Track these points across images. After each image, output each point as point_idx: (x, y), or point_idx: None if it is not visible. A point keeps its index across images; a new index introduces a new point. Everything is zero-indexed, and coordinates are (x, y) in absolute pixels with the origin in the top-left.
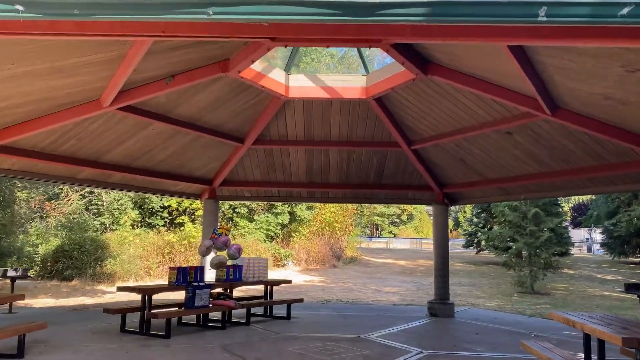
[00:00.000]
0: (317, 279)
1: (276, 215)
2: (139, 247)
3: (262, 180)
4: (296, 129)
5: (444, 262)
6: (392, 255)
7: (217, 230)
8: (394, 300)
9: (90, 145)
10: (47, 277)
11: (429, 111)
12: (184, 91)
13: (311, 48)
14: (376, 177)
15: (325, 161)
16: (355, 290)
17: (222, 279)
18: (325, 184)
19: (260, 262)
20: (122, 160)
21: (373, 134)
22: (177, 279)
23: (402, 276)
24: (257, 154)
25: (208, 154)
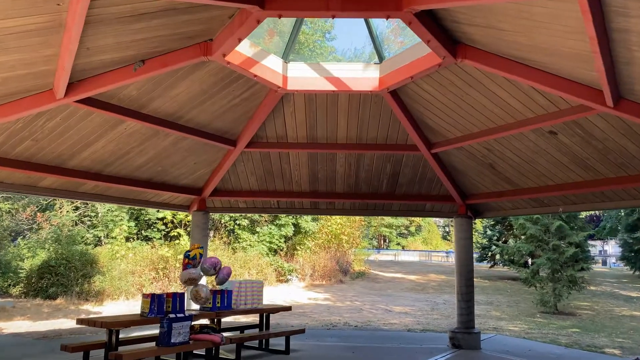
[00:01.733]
0: (322, 296)
1: (279, 227)
2: (131, 262)
3: (258, 190)
4: (297, 129)
5: (469, 284)
6: (401, 268)
7: (189, 253)
8: (407, 322)
9: (51, 148)
10: (31, 295)
11: (455, 107)
12: (159, 81)
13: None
14: (389, 186)
15: (331, 167)
16: (364, 311)
17: (207, 307)
18: (331, 193)
19: (253, 285)
20: (91, 166)
21: (387, 135)
22: (150, 309)
23: (413, 293)
24: (252, 158)
25: (194, 159)
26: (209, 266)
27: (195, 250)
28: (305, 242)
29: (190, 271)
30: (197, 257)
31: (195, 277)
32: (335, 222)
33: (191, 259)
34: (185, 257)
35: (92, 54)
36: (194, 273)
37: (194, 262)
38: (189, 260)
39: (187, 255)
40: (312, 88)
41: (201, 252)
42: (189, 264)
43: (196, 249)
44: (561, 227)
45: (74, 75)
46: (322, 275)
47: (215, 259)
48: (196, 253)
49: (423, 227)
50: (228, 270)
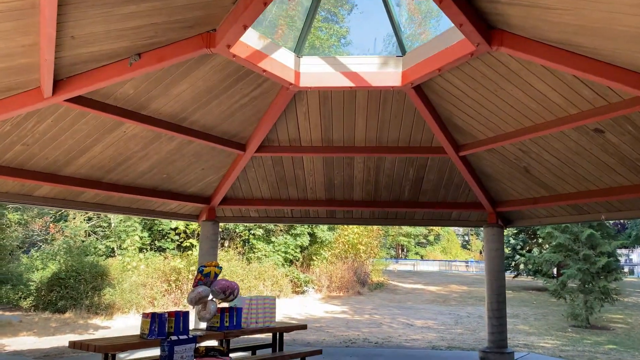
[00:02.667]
0: (340, 309)
1: (295, 236)
2: (142, 273)
3: (270, 198)
4: (310, 131)
5: (500, 300)
6: (420, 279)
7: (203, 269)
8: (430, 338)
9: (44, 154)
10: (41, 308)
11: (487, 103)
12: (159, 78)
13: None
14: (412, 193)
15: (348, 172)
16: (384, 325)
17: (215, 327)
18: (348, 201)
19: (265, 302)
20: (90, 173)
21: (410, 137)
22: (150, 330)
23: (434, 305)
24: (263, 164)
25: (201, 165)
26: (218, 290)
27: (211, 268)
28: (322, 252)
29: (199, 290)
30: (211, 275)
31: (205, 296)
32: (352, 232)
33: (205, 275)
34: (199, 273)
35: (79, 44)
36: (203, 292)
37: (207, 280)
38: (201, 276)
39: (200, 270)
40: (328, 84)
41: (217, 272)
42: (201, 281)
43: (213, 266)
44: (592, 235)
45: (62, 70)
46: (340, 287)
47: (225, 284)
48: (211, 271)
49: (442, 236)
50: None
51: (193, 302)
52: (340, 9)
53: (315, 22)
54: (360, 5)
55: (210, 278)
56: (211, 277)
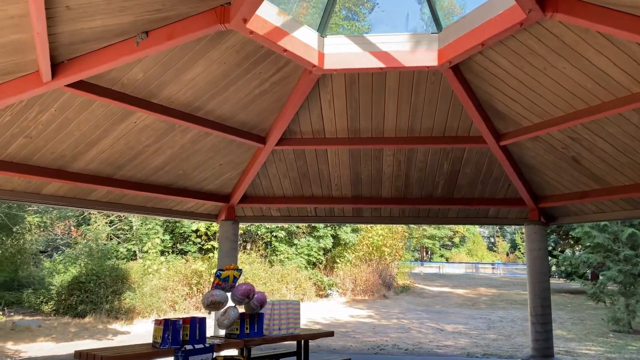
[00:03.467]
0: (366, 312)
1: (318, 239)
2: (163, 277)
3: (293, 195)
4: (335, 121)
5: (545, 304)
6: (447, 282)
7: (221, 273)
8: (464, 344)
9: (50, 147)
10: (61, 313)
11: (534, 84)
12: (169, 60)
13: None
14: (446, 188)
15: (377, 166)
16: (412, 330)
17: (234, 335)
18: (376, 198)
19: (289, 307)
20: (100, 169)
21: (445, 125)
22: (163, 339)
23: (464, 309)
24: (285, 158)
25: (219, 160)
26: (240, 297)
27: (229, 272)
28: (345, 254)
29: (213, 293)
30: (229, 279)
31: (220, 301)
32: (377, 234)
33: (223, 279)
34: (216, 277)
35: (76, 17)
36: (217, 296)
37: (225, 285)
38: (219, 281)
39: (218, 275)
40: (355, 66)
41: (236, 276)
42: (219, 286)
43: (231, 269)
44: (634, 235)
45: (61, 51)
46: (364, 290)
47: (247, 287)
48: (230, 275)
49: (467, 239)
50: (262, 298)
51: (205, 306)
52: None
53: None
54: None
55: (229, 282)
56: (230, 281)
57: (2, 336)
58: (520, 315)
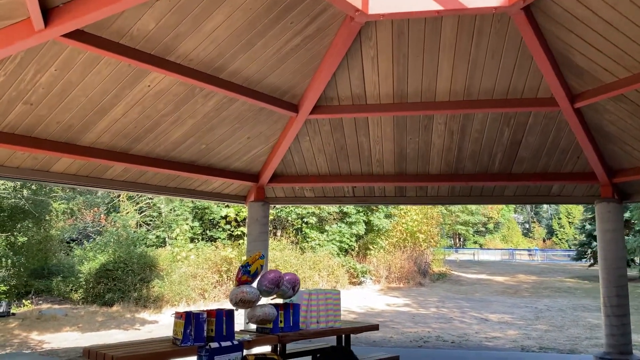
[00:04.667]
0: (402, 301)
1: (350, 225)
2: (193, 264)
3: (329, 173)
4: (379, 83)
5: (622, 293)
6: (483, 269)
7: (248, 269)
8: (513, 336)
9: (54, 116)
10: (90, 302)
11: (628, 26)
12: (186, 5)
13: None
14: (504, 163)
15: (425, 138)
16: (454, 320)
17: (267, 329)
18: (423, 175)
19: (328, 297)
20: (114, 142)
21: (509, 85)
22: (184, 336)
23: (505, 297)
24: (320, 129)
25: (247, 133)
26: (269, 286)
27: (256, 264)
28: (379, 240)
29: (243, 289)
30: (258, 271)
31: (251, 299)
32: (411, 219)
33: (251, 275)
34: (244, 274)
35: None
36: (249, 293)
37: (254, 279)
38: (247, 277)
39: (245, 270)
40: (406, 9)
41: (262, 263)
42: (247, 282)
43: (257, 260)
44: None
45: None
46: (399, 278)
47: (275, 275)
48: (257, 266)
49: (501, 224)
50: (293, 279)
51: (234, 303)
52: None
53: None
54: None
55: (258, 274)
56: (258, 273)
57: (28, 325)
58: (569, 304)
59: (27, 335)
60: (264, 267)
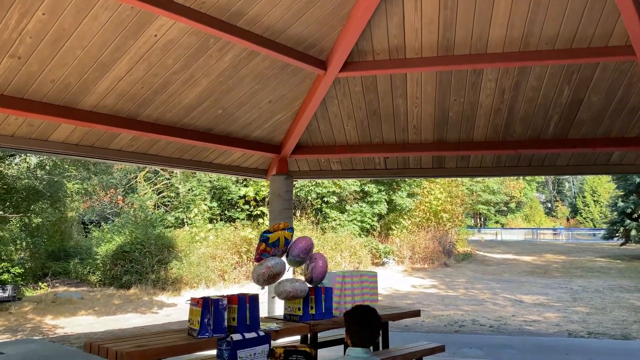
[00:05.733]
0: (428, 282)
1: (371, 204)
2: (211, 245)
3: (358, 143)
4: (422, 31)
5: None
6: (508, 248)
7: (268, 236)
8: (554, 320)
9: (47, 73)
10: (107, 284)
11: None
12: None
13: None
14: (561, 126)
15: (471, 98)
16: (486, 302)
17: (296, 316)
18: (466, 143)
19: (364, 279)
20: (119, 106)
21: (575, 32)
22: (201, 326)
23: (536, 277)
24: (351, 90)
25: (268, 96)
26: (302, 255)
27: (278, 233)
28: (401, 220)
29: (268, 264)
30: (280, 243)
31: (280, 272)
32: (435, 197)
33: (271, 244)
34: (262, 241)
35: None
36: (275, 266)
37: (275, 250)
38: (266, 246)
39: (264, 238)
40: None
41: (288, 237)
42: (266, 252)
43: (280, 230)
44: None
45: None
46: (424, 258)
47: (306, 242)
48: (280, 237)
49: (523, 204)
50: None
51: (261, 282)
52: None
53: None
54: None
55: (279, 247)
56: (280, 245)
57: (42, 309)
58: (605, 285)
59: (40, 319)
60: (289, 241)
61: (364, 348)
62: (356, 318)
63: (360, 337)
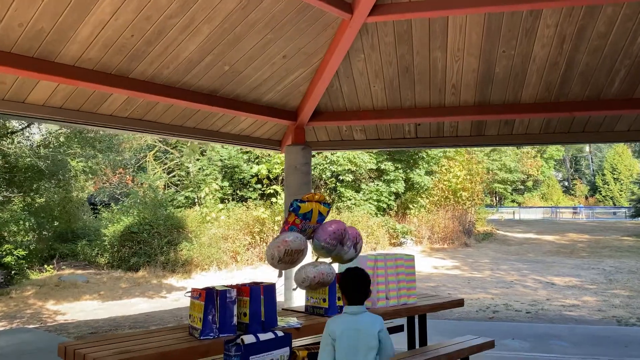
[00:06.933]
0: (449, 263)
1: (388, 182)
2: (223, 225)
3: (386, 107)
4: None
5: None
6: (528, 227)
7: (299, 205)
8: (593, 304)
9: (14, 14)
10: (114, 266)
11: None
12: None
13: None
14: (627, 83)
15: (524, 49)
16: (515, 284)
17: (320, 310)
18: (512, 105)
19: (399, 264)
20: (106, 59)
21: None
22: (204, 324)
23: (562, 257)
24: (381, 41)
25: (282, 49)
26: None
27: (312, 204)
28: (419, 199)
29: (286, 238)
30: (313, 216)
31: (298, 249)
32: (455, 175)
33: (303, 217)
34: (292, 212)
35: None
36: (295, 241)
37: (305, 224)
38: (296, 217)
39: (295, 207)
40: None
41: (323, 212)
42: (295, 226)
43: (315, 201)
44: None
45: None
46: (443, 238)
47: (337, 226)
48: (314, 209)
49: (541, 182)
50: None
51: (277, 261)
52: None
53: None
54: None
55: (311, 222)
56: (313, 218)
57: (45, 293)
58: (638, 265)
59: (42, 304)
60: (324, 217)
61: (359, 305)
62: (352, 277)
63: (355, 296)
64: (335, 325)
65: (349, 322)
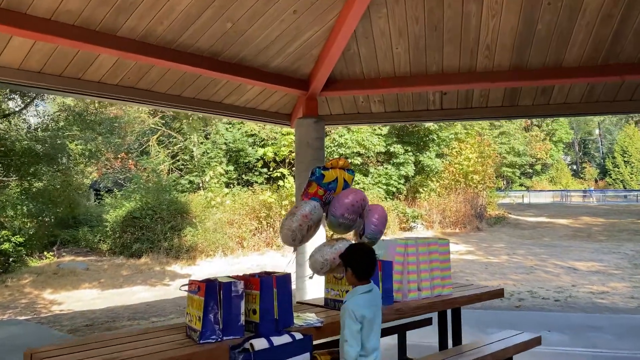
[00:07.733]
0: (463, 248)
1: (397, 166)
2: (228, 210)
3: (410, 73)
4: None
5: None
6: (540, 211)
7: (322, 173)
8: (624, 290)
9: None
10: (117, 253)
11: None
12: None
13: None
14: None
15: (570, 2)
16: (535, 269)
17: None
18: (553, 69)
19: (433, 249)
20: (88, 12)
21: None
22: (205, 324)
23: (580, 241)
24: None
25: (293, 3)
26: (349, 215)
27: (336, 172)
28: (429, 183)
29: (304, 212)
30: (338, 185)
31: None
32: (466, 158)
33: (326, 187)
34: (314, 181)
35: None
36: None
37: (330, 195)
38: (318, 187)
39: (318, 176)
40: None
41: (348, 180)
42: (317, 197)
43: (339, 168)
44: None
45: None
46: (454, 222)
47: (355, 196)
48: (339, 177)
49: (549, 165)
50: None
51: (297, 241)
52: None
53: None
54: None
55: (336, 192)
56: (338, 188)
57: (42, 282)
58: None
59: (38, 293)
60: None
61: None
62: (366, 252)
63: (369, 272)
64: (363, 309)
65: (371, 301)
